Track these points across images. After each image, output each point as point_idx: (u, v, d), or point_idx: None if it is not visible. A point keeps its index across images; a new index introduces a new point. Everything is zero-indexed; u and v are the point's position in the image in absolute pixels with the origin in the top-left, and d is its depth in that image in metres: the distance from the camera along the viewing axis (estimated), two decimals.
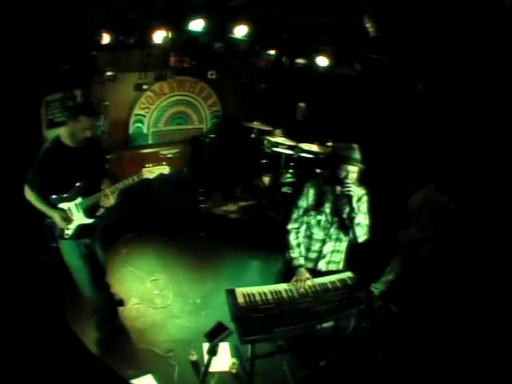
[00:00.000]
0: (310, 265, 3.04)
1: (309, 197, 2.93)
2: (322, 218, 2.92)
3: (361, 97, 5.52)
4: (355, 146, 2.80)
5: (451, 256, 3.36)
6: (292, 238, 2.99)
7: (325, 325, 2.66)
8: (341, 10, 3.84)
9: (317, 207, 2.91)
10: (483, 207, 3.04)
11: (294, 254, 2.97)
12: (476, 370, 2.56)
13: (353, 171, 2.75)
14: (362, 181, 2.90)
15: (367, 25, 3.44)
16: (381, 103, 5.31)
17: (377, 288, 4.19)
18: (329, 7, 3.94)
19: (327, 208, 2.90)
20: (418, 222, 3.89)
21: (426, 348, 3.21)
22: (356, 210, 2.78)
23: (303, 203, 2.95)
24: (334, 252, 3.04)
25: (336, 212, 2.90)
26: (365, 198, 2.92)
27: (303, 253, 3.01)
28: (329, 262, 3.07)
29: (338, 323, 3.00)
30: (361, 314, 2.77)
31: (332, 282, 2.95)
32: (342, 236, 2.99)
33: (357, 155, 2.77)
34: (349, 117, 5.75)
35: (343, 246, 3.05)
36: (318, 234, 2.97)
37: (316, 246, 3.01)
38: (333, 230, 2.95)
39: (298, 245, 2.99)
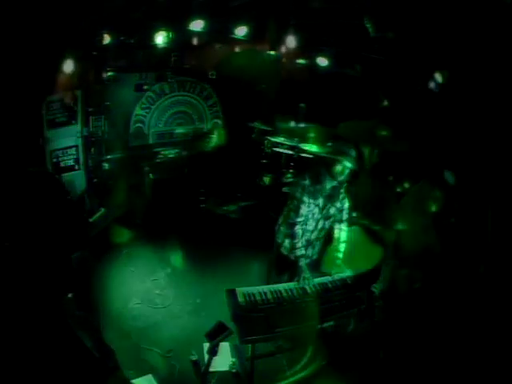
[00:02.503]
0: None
1: (307, 192, 3.04)
2: (316, 211, 3.10)
3: (361, 97, 5.50)
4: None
5: (451, 251, 3.38)
6: (297, 228, 3.11)
7: (325, 325, 2.67)
8: (341, 10, 3.85)
9: (313, 201, 3.06)
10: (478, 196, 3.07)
11: (299, 243, 3.11)
12: (476, 368, 2.56)
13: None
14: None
15: (367, 25, 3.45)
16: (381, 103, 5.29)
17: (377, 288, 4.18)
18: (329, 7, 3.94)
19: (320, 202, 3.07)
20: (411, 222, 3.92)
21: (425, 348, 3.21)
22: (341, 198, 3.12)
23: (305, 199, 3.06)
24: (318, 236, 3.31)
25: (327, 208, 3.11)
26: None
27: (304, 243, 3.16)
28: (313, 246, 3.33)
29: (338, 323, 3.00)
30: (361, 314, 2.78)
31: (332, 282, 2.96)
32: (322, 224, 3.22)
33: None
34: (349, 117, 5.73)
35: (324, 227, 3.27)
36: (311, 225, 3.17)
37: (306, 236, 3.21)
38: (320, 221, 3.19)
39: (302, 235, 3.13)
